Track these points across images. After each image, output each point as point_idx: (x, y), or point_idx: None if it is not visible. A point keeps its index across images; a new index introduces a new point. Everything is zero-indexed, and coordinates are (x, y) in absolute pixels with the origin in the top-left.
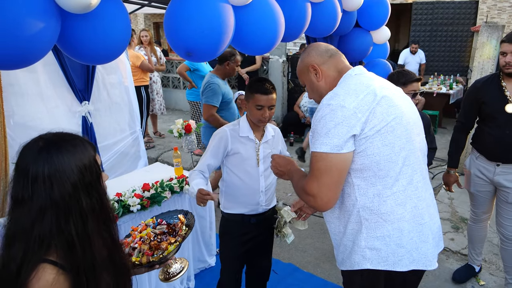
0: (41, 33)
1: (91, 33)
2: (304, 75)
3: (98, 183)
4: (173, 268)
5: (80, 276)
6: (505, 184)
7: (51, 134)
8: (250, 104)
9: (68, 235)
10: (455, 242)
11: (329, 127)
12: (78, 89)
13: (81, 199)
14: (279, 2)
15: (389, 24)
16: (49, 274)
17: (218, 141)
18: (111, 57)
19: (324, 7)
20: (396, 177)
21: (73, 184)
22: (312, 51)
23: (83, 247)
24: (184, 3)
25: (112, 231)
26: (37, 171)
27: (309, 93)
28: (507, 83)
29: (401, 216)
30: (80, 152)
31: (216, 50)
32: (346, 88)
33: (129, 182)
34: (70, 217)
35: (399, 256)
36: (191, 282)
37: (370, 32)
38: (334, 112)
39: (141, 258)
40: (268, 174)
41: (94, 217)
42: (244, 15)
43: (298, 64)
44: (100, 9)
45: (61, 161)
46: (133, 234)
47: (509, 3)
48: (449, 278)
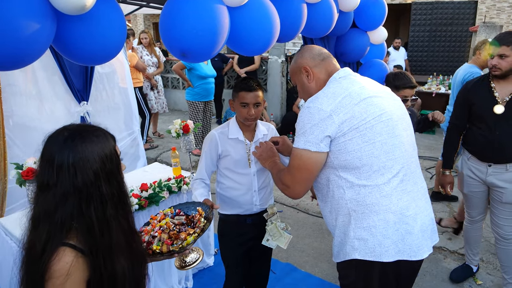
0: (37, 34)
1: (86, 34)
2: (296, 76)
3: (118, 171)
4: (190, 258)
5: (98, 258)
6: (499, 184)
7: (75, 125)
8: (236, 103)
9: (88, 219)
10: (452, 242)
11: (306, 128)
12: (77, 89)
13: (102, 186)
14: (274, 3)
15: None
16: (68, 256)
17: (209, 145)
18: (106, 58)
19: (320, 8)
20: (380, 171)
21: (95, 172)
22: (306, 53)
23: (101, 231)
24: (179, 4)
25: (129, 218)
26: (62, 159)
27: (300, 93)
28: (496, 85)
29: (386, 208)
30: (102, 142)
31: (211, 51)
32: (326, 92)
33: (128, 182)
34: (91, 203)
35: (385, 247)
36: (189, 282)
37: (367, 32)
38: (312, 114)
39: (161, 247)
40: (261, 174)
41: (113, 204)
42: (239, 16)
43: (291, 64)
44: (95, 10)
45: (84, 150)
46: (152, 223)
47: (508, 3)
48: (446, 278)
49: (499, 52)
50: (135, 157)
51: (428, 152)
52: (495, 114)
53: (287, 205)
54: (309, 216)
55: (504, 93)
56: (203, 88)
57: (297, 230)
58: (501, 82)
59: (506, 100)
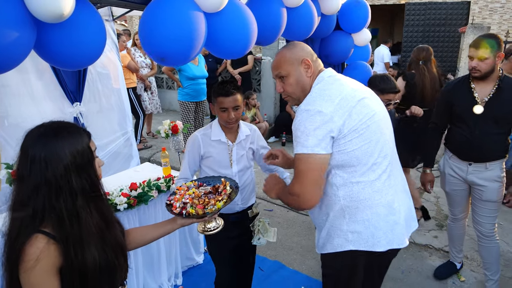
0: (17, 42)
1: (66, 41)
2: (292, 66)
3: (90, 166)
4: (211, 224)
5: (68, 246)
6: (478, 182)
7: (52, 122)
8: (215, 107)
9: (58, 210)
10: (438, 240)
11: (308, 131)
12: (70, 90)
13: (71, 179)
14: (253, 8)
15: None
16: (40, 242)
17: (192, 146)
18: (86, 63)
19: (300, 11)
20: (372, 168)
21: (65, 166)
22: (305, 47)
23: (71, 221)
24: (158, 11)
25: (103, 210)
26: (35, 153)
27: (288, 86)
28: (476, 85)
29: (378, 202)
30: (74, 138)
31: (188, 56)
32: (321, 94)
33: (118, 181)
34: (60, 195)
35: (377, 237)
36: (179, 279)
37: (351, 34)
38: (313, 117)
39: (196, 210)
40: (242, 174)
41: (83, 196)
42: (216, 21)
43: (284, 54)
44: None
45: (55, 145)
46: (180, 193)
47: (500, 4)
48: (431, 275)
49: (478, 55)
50: (128, 157)
51: None
52: (474, 114)
53: (277, 204)
54: (299, 215)
55: (484, 93)
56: (192, 88)
57: (287, 228)
58: (480, 83)
59: (485, 100)
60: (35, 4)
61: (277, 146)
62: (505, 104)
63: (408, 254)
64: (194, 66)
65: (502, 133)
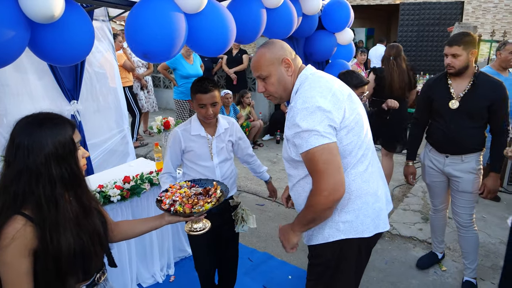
0: (12, 40)
1: (57, 39)
2: (272, 67)
3: (71, 157)
4: (198, 225)
5: (44, 230)
6: (455, 174)
7: (40, 112)
8: (194, 104)
9: (37, 195)
10: (422, 232)
11: (313, 125)
12: (67, 89)
13: (51, 168)
14: (235, 9)
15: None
16: (18, 223)
17: (173, 142)
18: (77, 59)
19: (279, 12)
20: (361, 159)
21: (45, 155)
22: (284, 45)
23: (49, 207)
24: (142, 12)
25: (82, 198)
26: (20, 141)
27: (270, 86)
28: (453, 81)
29: (366, 191)
30: (57, 129)
31: (170, 53)
32: (313, 91)
33: (113, 175)
34: (40, 181)
35: (366, 224)
36: (171, 269)
37: (334, 34)
38: (314, 112)
39: (184, 209)
40: (223, 166)
41: (62, 184)
42: (197, 21)
43: (263, 54)
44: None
45: (39, 134)
46: (171, 190)
47: (493, 3)
48: (414, 265)
49: (452, 52)
50: (124, 154)
51: None
52: (450, 109)
53: (268, 199)
54: (290, 209)
55: (459, 89)
56: (186, 87)
57: (278, 222)
58: (457, 79)
59: (460, 96)
60: (28, 6)
61: (272, 144)
62: (479, 99)
63: (393, 246)
64: (188, 65)
65: (477, 127)
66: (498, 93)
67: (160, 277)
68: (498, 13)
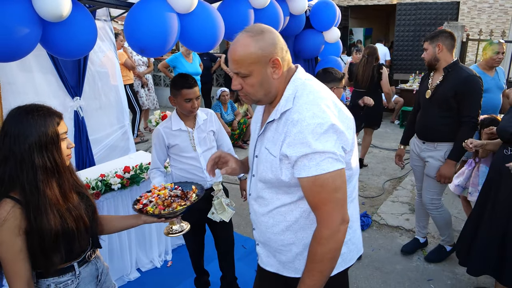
0: (26, 36)
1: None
2: (256, 66)
3: (54, 146)
4: (176, 227)
5: (29, 211)
6: (426, 159)
7: (30, 104)
8: (178, 99)
9: (21, 180)
10: (409, 222)
11: (329, 146)
12: (70, 85)
13: (34, 156)
14: (224, 9)
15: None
16: (8, 205)
17: (157, 139)
18: (81, 53)
19: (266, 12)
20: (355, 185)
21: (29, 144)
22: (276, 38)
23: (31, 191)
24: (139, 12)
25: (64, 186)
26: (8, 129)
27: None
28: (434, 74)
29: (355, 218)
30: (42, 120)
31: (164, 48)
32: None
33: (114, 166)
34: (23, 168)
35: (353, 252)
36: (169, 255)
37: (322, 32)
38: (328, 131)
39: (154, 210)
40: (207, 154)
41: (44, 172)
42: (188, 20)
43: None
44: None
45: (25, 125)
46: (153, 191)
47: (488, 4)
48: (399, 252)
49: (424, 47)
50: (125, 149)
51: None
52: (425, 99)
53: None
54: None
55: (435, 81)
56: None
57: None
58: (436, 73)
59: (433, 87)
60: (41, 7)
61: None
62: (445, 90)
63: (380, 235)
64: (187, 63)
65: (446, 117)
66: (464, 85)
67: (158, 262)
68: (493, 13)
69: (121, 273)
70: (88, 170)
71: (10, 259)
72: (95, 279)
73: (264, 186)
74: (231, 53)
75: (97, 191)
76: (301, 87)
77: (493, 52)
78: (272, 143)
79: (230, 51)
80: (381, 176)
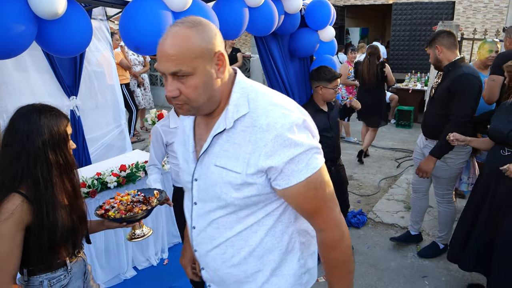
0: (22, 33)
1: (60, 34)
2: (201, 60)
3: (64, 145)
4: (138, 231)
5: (41, 207)
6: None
7: (40, 104)
8: None
9: (35, 175)
10: (404, 220)
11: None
12: (67, 85)
13: (48, 153)
14: (219, 7)
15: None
16: (17, 200)
17: (154, 137)
18: (77, 51)
19: (261, 10)
20: None
21: (43, 141)
22: (216, 30)
23: (46, 185)
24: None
25: (74, 182)
26: (20, 126)
27: (191, 90)
28: (439, 73)
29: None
30: (54, 120)
31: None
32: (284, 102)
33: (110, 164)
34: (37, 163)
35: (315, 268)
36: (165, 253)
37: (317, 31)
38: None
39: (116, 214)
40: None
41: (57, 168)
42: None
43: (187, 36)
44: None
45: (38, 123)
46: (116, 197)
47: (483, 3)
48: (392, 248)
49: (427, 53)
50: (121, 148)
51: (401, 145)
52: (430, 97)
53: None
54: None
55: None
56: None
57: None
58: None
59: (436, 85)
60: (36, 5)
61: None
62: (442, 88)
63: (376, 232)
64: None
65: (445, 115)
66: (456, 84)
67: (155, 260)
68: (488, 13)
69: (117, 272)
70: (84, 168)
71: (7, 252)
72: (83, 276)
73: (221, 211)
74: (165, 49)
75: (93, 189)
76: (251, 89)
77: (488, 51)
78: (231, 158)
79: (163, 46)
80: (377, 175)
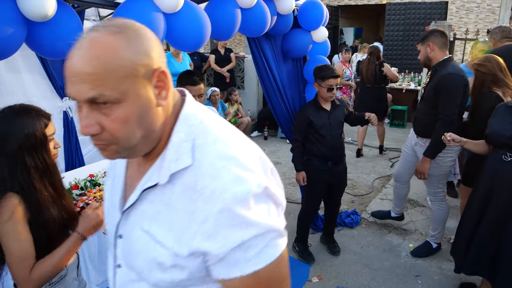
0: (11, 36)
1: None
2: (131, 82)
3: (42, 148)
4: None
5: (30, 207)
6: (418, 154)
7: (18, 105)
8: None
9: (17, 180)
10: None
11: (271, 220)
12: (59, 86)
13: (24, 157)
14: (211, 9)
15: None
16: (14, 199)
17: None
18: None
19: (253, 12)
20: None
21: (19, 145)
22: (155, 39)
23: (29, 189)
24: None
25: (56, 184)
26: None
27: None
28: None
29: None
30: (31, 121)
31: None
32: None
33: (103, 166)
34: (17, 168)
35: None
36: None
37: (310, 32)
38: (262, 198)
39: None
40: None
41: (37, 171)
42: (174, 20)
43: (112, 47)
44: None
45: (13, 126)
46: (88, 194)
47: (476, 3)
48: (387, 249)
49: (418, 49)
50: None
51: (394, 144)
52: (421, 96)
53: None
54: None
55: None
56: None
57: None
58: None
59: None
60: (25, 6)
61: (260, 140)
62: (430, 89)
63: (369, 232)
64: (177, 63)
65: (433, 114)
66: (441, 83)
67: None
68: (481, 13)
69: None
70: (77, 170)
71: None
72: (76, 269)
73: (145, 284)
74: (78, 65)
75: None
76: (201, 129)
77: (481, 51)
78: (164, 226)
79: (75, 61)
80: (371, 174)
